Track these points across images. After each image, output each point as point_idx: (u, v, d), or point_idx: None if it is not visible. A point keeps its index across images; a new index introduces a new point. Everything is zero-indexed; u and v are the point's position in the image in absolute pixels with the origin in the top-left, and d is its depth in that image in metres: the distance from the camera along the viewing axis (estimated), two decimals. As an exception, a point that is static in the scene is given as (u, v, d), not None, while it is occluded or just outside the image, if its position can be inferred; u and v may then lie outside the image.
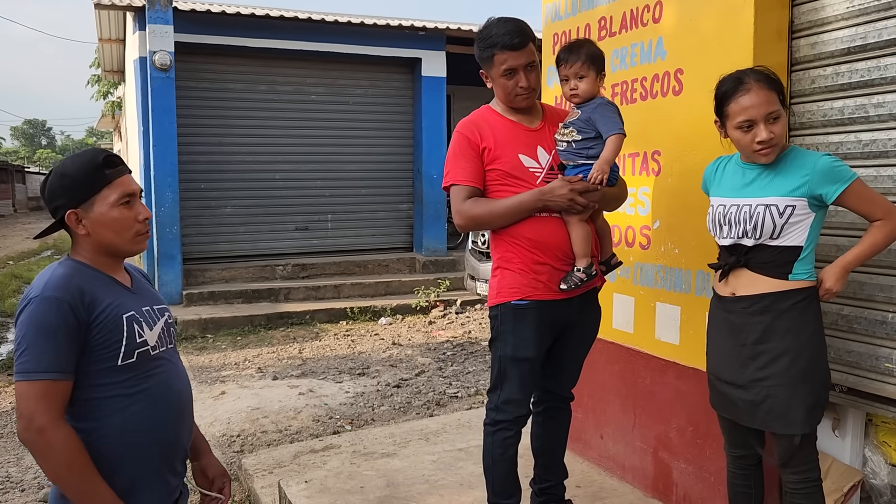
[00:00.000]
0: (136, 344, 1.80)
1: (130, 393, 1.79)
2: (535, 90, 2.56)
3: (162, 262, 9.07)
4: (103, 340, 1.75)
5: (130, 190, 1.85)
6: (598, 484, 3.33)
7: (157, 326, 1.89)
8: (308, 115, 10.33)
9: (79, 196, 1.79)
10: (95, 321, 1.74)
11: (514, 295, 2.52)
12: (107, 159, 1.82)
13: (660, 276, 3.07)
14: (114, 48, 12.93)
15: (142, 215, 1.87)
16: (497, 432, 2.58)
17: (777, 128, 2.17)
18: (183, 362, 6.48)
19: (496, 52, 2.49)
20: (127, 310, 1.81)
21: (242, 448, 4.71)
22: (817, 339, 2.25)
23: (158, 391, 1.85)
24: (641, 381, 3.20)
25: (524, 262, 2.51)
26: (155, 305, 1.95)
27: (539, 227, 2.50)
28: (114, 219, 1.81)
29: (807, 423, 2.21)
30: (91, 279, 1.79)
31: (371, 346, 7.71)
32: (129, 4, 9.03)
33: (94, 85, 21.21)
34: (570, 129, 2.52)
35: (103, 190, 1.80)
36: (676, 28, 2.94)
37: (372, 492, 3.28)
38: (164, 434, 1.86)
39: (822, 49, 2.56)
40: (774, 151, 2.20)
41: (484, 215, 2.52)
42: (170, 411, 1.88)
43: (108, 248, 1.84)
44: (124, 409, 1.78)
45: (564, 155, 2.54)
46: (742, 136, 2.21)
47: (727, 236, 2.31)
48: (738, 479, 2.49)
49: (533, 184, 2.51)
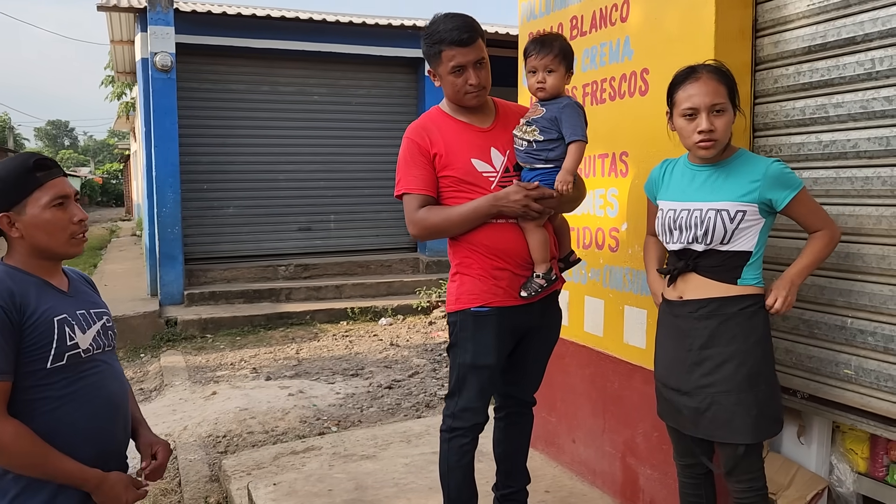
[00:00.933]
0: (67, 347, 1.81)
1: (59, 395, 1.80)
2: (485, 88, 2.48)
3: (163, 263, 9.13)
4: (33, 343, 1.76)
5: (63, 192, 1.84)
6: (568, 489, 3.29)
7: (91, 330, 1.90)
8: (310, 115, 10.35)
9: (10, 199, 1.80)
10: (26, 324, 1.75)
11: (474, 301, 2.46)
12: (37, 162, 1.82)
13: (627, 279, 3.02)
14: (125, 49, 13.04)
15: (77, 217, 1.86)
16: (453, 439, 2.55)
17: (720, 122, 2.13)
18: (181, 362, 6.44)
19: (444, 49, 2.41)
20: (59, 313, 1.82)
21: (227, 449, 4.71)
22: (764, 347, 2.20)
23: (89, 392, 1.86)
24: (611, 385, 3.15)
25: (484, 268, 2.46)
26: (92, 309, 1.95)
27: (496, 233, 2.44)
28: (46, 221, 1.81)
29: (751, 432, 2.16)
30: (22, 283, 1.80)
31: (368, 346, 7.70)
32: (130, 6, 9.10)
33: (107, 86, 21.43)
34: (533, 128, 2.44)
35: (34, 192, 1.80)
36: (642, 27, 2.89)
37: (339, 495, 3.27)
38: (95, 435, 1.86)
39: (784, 48, 2.51)
40: (715, 147, 2.15)
41: (439, 224, 2.46)
42: (102, 413, 1.89)
43: (43, 251, 1.85)
44: (53, 410, 1.79)
45: (522, 156, 2.47)
46: (685, 124, 2.17)
47: (677, 241, 2.26)
48: (688, 488, 2.44)
49: (488, 189, 2.44)
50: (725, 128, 2.14)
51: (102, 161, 77.97)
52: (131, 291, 9.88)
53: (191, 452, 4.59)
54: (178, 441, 4.84)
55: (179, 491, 4.12)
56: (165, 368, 6.87)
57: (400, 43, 10.28)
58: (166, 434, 4.97)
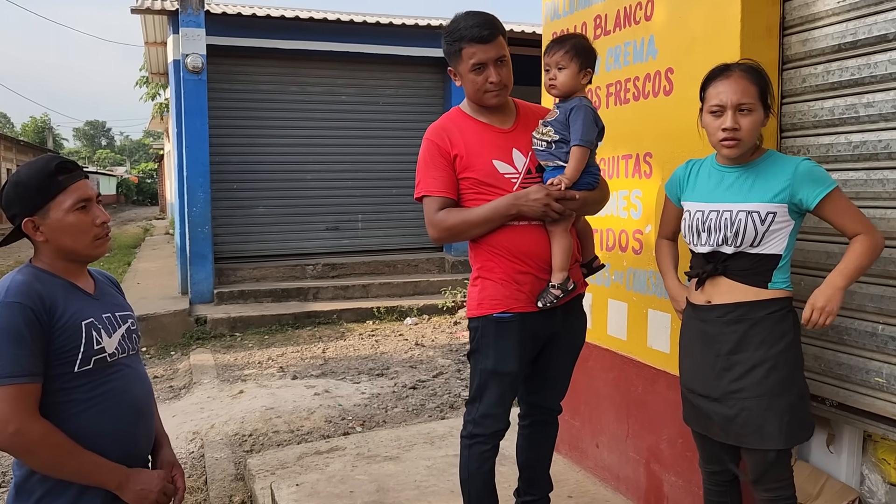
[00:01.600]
0: (94, 351, 1.82)
1: (85, 398, 1.81)
2: (506, 87, 2.43)
3: (194, 262, 9.25)
4: (61, 346, 1.77)
5: (86, 195, 1.85)
6: (591, 494, 3.25)
7: (117, 333, 1.91)
8: (338, 115, 10.41)
9: (34, 203, 1.81)
10: (55, 326, 1.76)
11: (496, 307, 2.42)
12: (60, 165, 1.83)
13: (651, 282, 2.97)
14: (159, 51, 13.24)
15: (99, 219, 1.87)
16: (474, 446, 2.51)
17: (745, 121, 2.08)
18: (210, 360, 6.52)
19: (464, 46, 2.37)
20: (86, 316, 1.83)
21: (252, 448, 4.76)
22: (794, 351, 2.14)
23: (114, 397, 1.86)
24: (634, 389, 3.11)
25: (505, 272, 2.41)
26: (117, 312, 1.96)
27: (519, 235, 2.39)
28: (70, 224, 1.82)
29: (782, 438, 2.11)
30: (51, 285, 1.81)
31: (394, 346, 7.71)
32: (163, 9, 9.23)
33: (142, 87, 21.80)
34: (548, 129, 2.41)
35: (58, 196, 1.81)
36: (667, 26, 2.84)
37: (360, 497, 3.27)
38: (119, 439, 1.87)
39: (813, 46, 2.44)
40: (739, 147, 2.10)
41: (458, 225, 2.41)
42: (126, 417, 1.89)
43: (68, 253, 1.86)
44: (78, 414, 1.80)
45: (542, 155, 2.42)
46: (711, 121, 2.14)
47: (705, 243, 2.21)
48: (713, 496, 2.39)
49: (509, 190, 2.39)
50: (751, 128, 2.09)
51: (138, 161, 79.46)
52: (163, 290, 10.03)
53: (217, 451, 4.64)
54: (206, 439, 4.89)
55: (205, 489, 4.17)
56: (195, 366, 6.96)
57: (427, 43, 10.27)
58: (194, 432, 5.03)
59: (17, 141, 35.40)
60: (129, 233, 23.48)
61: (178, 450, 4.71)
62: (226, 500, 3.88)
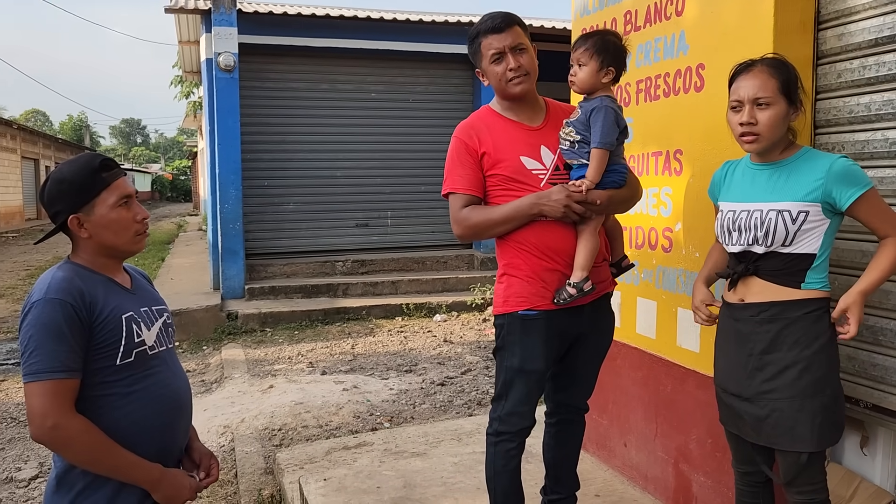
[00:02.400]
0: (135, 344, 1.86)
1: (128, 392, 1.85)
2: (528, 74, 2.42)
3: (225, 258, 9.38)
4: (103, 340, 1.81)
5: (127, 192, 1.90)
6: (619, 494, 3.23)
7: (155, 326, 1.95)
8: (368, 112, 10.46)
9: (79, 200, 1.85)
10: (96, 321, 1.80)
11: (522, 305, 2.42)
12: (103, 163, 1.87)
13: (681, 280, 2.94)
14: (192, 50, 13.43)
15: (139, 216, 1.92)
16: (500, 443, 2.51)
17: (763, 115, 2.05)
18: (241, 355, 6.62)
19: (482, 40, 2.42)
20: (126, 310, 1.87)
21: (282, 442, 4.81)
22: (829, 353, 2.10)
23: (156, 390, 1.90)
24: (663, 389, 3.08)
25: (532, 269, 2.41)
26: (154, 306, 2.00)
27: (546, 231, 2.38)
28: (113, 220, 1.86)
29: (815, 440, 2.07)
30: (90, 281, 1.85)
31: (423, 342, 7.74)
32: (196, 8, 9.35)
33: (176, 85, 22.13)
34: (570, 129, 2.40)
35: (102, 193, 1.85)
36: (698, 21, 2.80)
37: (387, 492, 3.29)
38: (158, 432, 1.90)
39: (848, 41, 2.38)
40: (758, 142, 2.08)
41: (481, 223, 2.43)
42: (166, 409, 1.93)
43: (110, 249, 1.90)
44: (121, 406, 1.84)
45: (567, 154, 2.42)
46: (731, 116, 2.14)
47: (736, 243, 2.18)
48: (745, 496, 2.36)
49: (537, 187, 2.39)
50: (769, 122, 2.05)
51: (172, 158, 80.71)
52: (195, 285, 10.19)
53: (247, 444, 4.70)
54: (236, 433, 4.96)
55: (235, 482, 4.23)
56: (226, 361, 7.06)
57: (456, 39, 10.27)
58: (224, 426, 5.11)
59: (55, 139, 36.20)
60: (163, 229, 23.87)
61: (210, 443, 4.79)
62: (255, 494, 3.93)
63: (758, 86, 2.06)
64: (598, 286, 2.47)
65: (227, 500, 4.01)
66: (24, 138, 28.46)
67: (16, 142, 27.39)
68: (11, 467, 4.63)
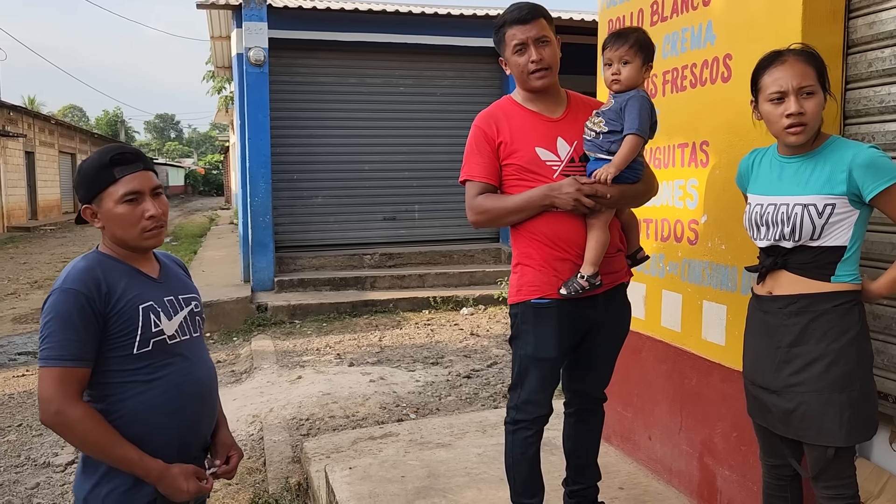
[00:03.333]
0: (152, 333, 1.87)
1: (147, 380, 1.87)
2: (550, 68, 2.44)
3: (255, 250, 9.50)
4: (119, 330, 1.83)
5: (136, 188, 1.87)
6: (643, 486, 3.22)
7: (178, 316, 1.95)
8: (396, 106, 10.50)
9: (90, 191, 1.88)
10: (112, 311, 1.82)
11: (535, 293, 2.45)
12: (115, 157, 1.87)
13: (707, 272, 2.92)
14: (224, 45, 13.60)
15: (149, 213, 1.88)
16: (517, 432, 2.54)
17: (810, 104, 2.02)
18: (270, 347, 6.67)
19: (506, 30, 2.44)
20: (145, 300, 1.88)
21: (309, 432, 4.88)
22: (860, 346, 2.06)
23: (176, 378, 1.91)
24: (688, 382, 3.06)
25: (545, 258, 2.44)
26: (181, 295, 2.01)
27: (558, 222, 2.41)
28: (118, 215, 1.87)
29: (843, 435, 2.04)
30: (113, 270, 1.88)
31: (449, 335, 7.77)
32: (227, 3, 9.46)
33: (208, 80, 22.43)
34: (600, 119, 2.41)
35: (109, 187, 1.86)
36: (726, 10, 2.77)
37: (411, 482, 3.32)
38: (180, 420, 1.92)
39: (880, 29, 2.34)
40: (806, 133, 2.04)
41: (493, 211, 2.47)
42: (187, 399, 1.93)
43: (121, 241, 1.91)
44: (140, 394, 1.86)
45: (588, 145, 2.43)
46: (772, 109, 2.07)
47: (764, 237, 2.16)
48: (773, 489, 2.34)
49: (549, 178, 2.42)
50: (816, 111, 2.03)
51: (205, 152, 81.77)
52: (226, 277, 10.34)
53: (275, 434, 4.77)
54: (265, 422, 5.04)
55: (264, 470, 4.30)
56: (255, 352, 7.16)
57: (484, 33, 10.23)
58: (253, 415, 5.19)
59: (91, 133, 36.95)
60: (195, 222, 24.24)
61: (238, 432, 4.88)
62: (283, 481, 3.99)
63: (800, 75, 2.03)
64: (613, 276, 2.49)
65: (255, 487, 4.08)
66: (61, 133, 29.11)
67: (53, 137, 28.02)
68: (49, 452, 4.77)
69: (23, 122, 24.17)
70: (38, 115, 27.46)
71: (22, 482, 4.36)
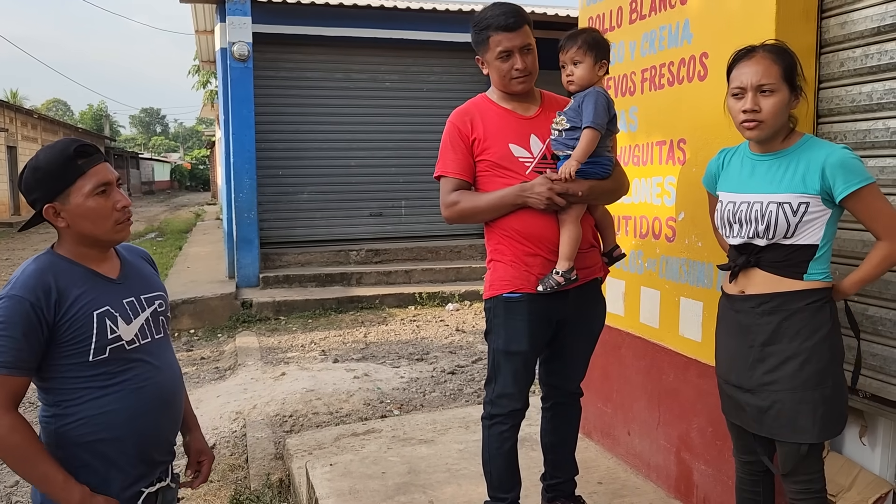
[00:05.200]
0: (108, 340, 1.79)
1: (104, 386, 1.80)
2: (531, 74, 2.49)
3: (240, 247, 9.46)
4: (72, 337, 1.75)
5: (106, 179, 1.81)
6: (622, 481, 3.25)
7: (138, 319, 1.87)
8: (382, 102, 10.48)
9: (54, 189, 1.77)
10: (62, 319, 1.74)
11: (506, 287, 2.49)
12: (79, 150, 1.78)
13: (684, 269, 2.95)
14: (209, 39, 13.52)
15: (120, 203, 1.82)
16: (493, 426, 2.56)
17: (767, 102, 2.04)
18: (255, 343, 6.61)
19: (491, 34, 2.44)
20: (100, 306, 1.80)
21: (292, 428, 4.88)
22: (831, 344, 2.09)
23: (135, 384, 1.84)
24: (666, 378, 3.09)
25: (516, 253, 2.48)
26: (144, 294, 1.92)
27: (529, 219, 2.45)
28: (90, 209, 1.78)
29: (816, 432, 2.07)
30: (66, 274, 1.79)
31: (435, 331, 7.78)
32: (210, -2, 9.40)
33: (194, 75, 22.26)
34: (562, 118, 2.47)
35: (77, 181, 1.77)
36: (701, 9, 2.79)
37: (392, 478, 3.34)
38: (138, 427, 1.84)
39: (851, 29, 2.37)
40: (761, 129, 2.07)
41: (468, 209, 2.51)
42: (147, 405, 1.86)
43: (89, 238, 1.82)
44: (95, 400, 1.79)
45: (555, 144, 2.48)
46: (733, 103, 2.12)
47: (737, 235, 2.18)
48: (746, 484, 2.37)
49: (522, 174, 2.46)
50: (773, 109, 2.04)
51: (191, 147, 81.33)
52: (211, 273, 10.30)
53: (258, 430, 4.77)
54: (248, 419, 5.04)
55: (246, 467, 4.30)
56: (240, 348, 7.14)
57: (470, 29, 10.23)
58: (237, 412, 5.19)
59: (75, 128, 36.63)
60: (181, 218, 24.10)
61: (221, 429, 4.87)
62: (264, 478, 4.00)
63: (761, 72, 2.05)
64: (586, 272, 2.52)
65: (236, 484, 4.08)
66: (44, 127, 28.81)
67: (37, 131, 27.73)
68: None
69: (5, 116, 23.90)
70: (21, 109, 27.15)
71: (1, 480, 4.34)
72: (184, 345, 7.63)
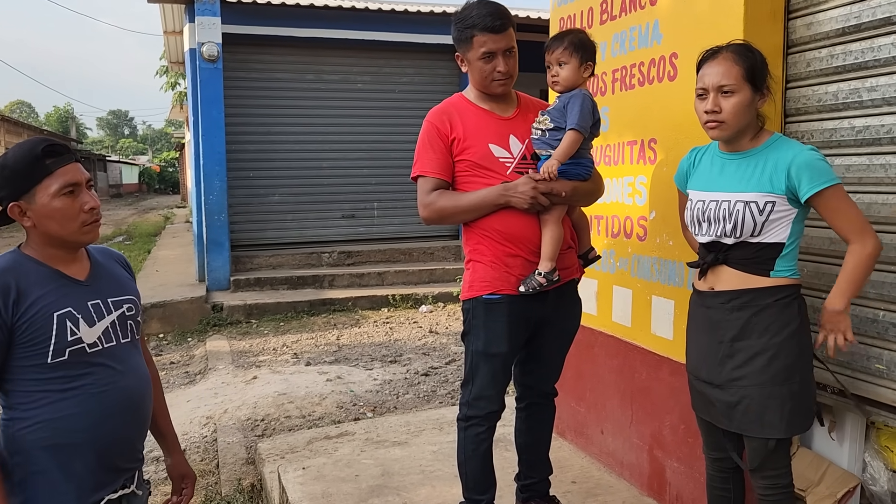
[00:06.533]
0: (68, 342, 1.75)
1: (63, 389, 1.76)
2: (512, 77, 2.48)
3: (210, 249, 9.34)
4: (30, 339, 1.72)
5: (73, 179, 1.77)
6: (595, 480, 3.26)
7: (102, 322, 1.83)
8: (354, 103, 10.43)
9: (20, 187, 1.74)
10: (20, 320, 1.71)
11: (486, 289, 2.46)
12: (47, 149, 1.75)
13: (655, 268, 2.97)
14: (177, 40, 13.33)
15: (88, 205, 1.79)
16: (469, 428, 2.55)
17: (727, 103, 2.06)
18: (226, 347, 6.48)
19: (475, 34, 2.41)
20: (62, 307, 1.76)
21: (264, 432, 4.81)
22: (800, 340, 2.12)
23: (96, 388, 1.80)
24: (638, 376, 3.11)
25: (496, 254, 2.46)
26: (111, 297, 1.88)
27: (510, 219, 2.43)
28: (56, 209, 1.75)
29: (783, 427, 2.10)
30: (29, 274, 1.76)
31: (408, 333, 7.75)
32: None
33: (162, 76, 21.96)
34: (546, 118, 2.46)
35: (44, 180, 1.74)
36: (671, 10, 2.82)
37: (365, 480, 3.31)
38: (98, 433, 1.80)
39: (817, 30, 2.41)
40: (722, 129, 2.09)
41: (448, 209, 2.48)
42: (109, 410, 1.82)
43: (55, 239, 1.79)
44: (53, 403, 1.75)
45: (537, 143, 2.47)
46: (697, 104, 2.15)
47: (706, 233, 2.20)
48: (716, 482, 2.39)
49: (503, 174, 2.44)
50: (733, 110, 2.06)
51: (160, 149, 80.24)
52: (181, 277, 10.15)
53: (229, 435, 4.70)
54: (219, 423, 4.96)
55: (217, 472, 4.23)
56: (210, 353, 7.05)
57: (442, 30, 10.23)
58: (207, 416, 5.11)
59: (40, 130, 35.89)
60: (150, 221, 23.75)
61: (192, 434, 4.80)
62: (236, 483, 3.94)
63: (722, 73, 2.07)
64: (564, 272, 2.51)
65: (207, 489, 4.01)
66: (8, 129, 28.19)
67: (0, 133, 27.13)
68: None
69: (-33, 118, 23.36)
70: (-16, 110, 26.56)
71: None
72: (153, 349, 7.51)
